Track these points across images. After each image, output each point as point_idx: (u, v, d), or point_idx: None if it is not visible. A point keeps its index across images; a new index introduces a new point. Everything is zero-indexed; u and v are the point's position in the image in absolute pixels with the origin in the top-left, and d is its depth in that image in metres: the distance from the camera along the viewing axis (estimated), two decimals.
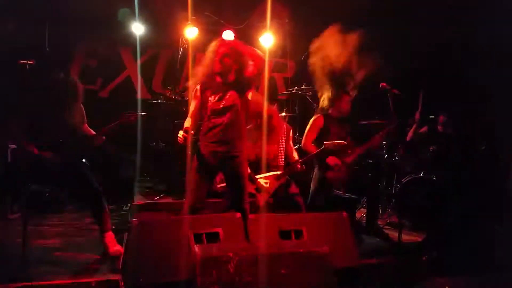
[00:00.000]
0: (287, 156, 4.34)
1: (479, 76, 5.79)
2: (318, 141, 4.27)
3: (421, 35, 6.15)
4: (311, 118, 4.57)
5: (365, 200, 4.66)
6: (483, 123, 5.75)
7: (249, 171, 4.12)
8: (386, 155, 5.50)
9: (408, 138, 5.84)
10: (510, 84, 5.61)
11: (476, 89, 5.85)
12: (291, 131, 4.52)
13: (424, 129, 5.62)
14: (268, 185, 4.09)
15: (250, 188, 4.06)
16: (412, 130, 5.71)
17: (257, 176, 4.09)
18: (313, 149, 4.23)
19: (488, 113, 5.67)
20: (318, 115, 4.47)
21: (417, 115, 5.44)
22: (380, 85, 3.89)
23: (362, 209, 5.54)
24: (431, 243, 3.83)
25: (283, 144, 4.31)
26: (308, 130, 4.44)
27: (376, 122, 5.17)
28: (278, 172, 4.16)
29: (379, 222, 4.86)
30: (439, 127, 5.93)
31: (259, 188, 4.08)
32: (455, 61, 6.08)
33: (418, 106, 5.32)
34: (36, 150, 3.42)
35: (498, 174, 5.39)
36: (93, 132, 3.63)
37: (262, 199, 4.01)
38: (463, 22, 5.84)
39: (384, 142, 5.47)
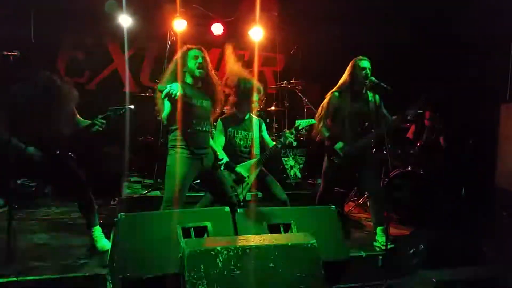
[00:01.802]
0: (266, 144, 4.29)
1: (467, 70, 5.84)
2: None
3: (411, 29, 6.16)
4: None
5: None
6: (471, 118, 5.80)
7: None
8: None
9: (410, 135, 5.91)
10: (497, 78, 5.67)
11: (463, 84, 5.90)
12: (263, 124, 4.37)
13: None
14: (247, 174, 4.03)
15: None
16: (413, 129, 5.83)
17: (236, 166, 4.03)
18: None
19: (476, 107, 5.72)
20: None
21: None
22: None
23: (350, 203, 5.59)
24: (418, 236, 3.85)
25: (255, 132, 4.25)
26: None
27: None
28: (255, 160, 4.09)
29: (365, 216, 4.88)
30: (426, 122, 5.98)
31: (238, 178, 4.02)
32: (443, 55, 6.11)
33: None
34: (21, 145, 3.36)
35: (485, 169, 5.45)
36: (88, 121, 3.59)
37: (244, 189, 3.99)
38: (452, 16, 5.87)
39: None
